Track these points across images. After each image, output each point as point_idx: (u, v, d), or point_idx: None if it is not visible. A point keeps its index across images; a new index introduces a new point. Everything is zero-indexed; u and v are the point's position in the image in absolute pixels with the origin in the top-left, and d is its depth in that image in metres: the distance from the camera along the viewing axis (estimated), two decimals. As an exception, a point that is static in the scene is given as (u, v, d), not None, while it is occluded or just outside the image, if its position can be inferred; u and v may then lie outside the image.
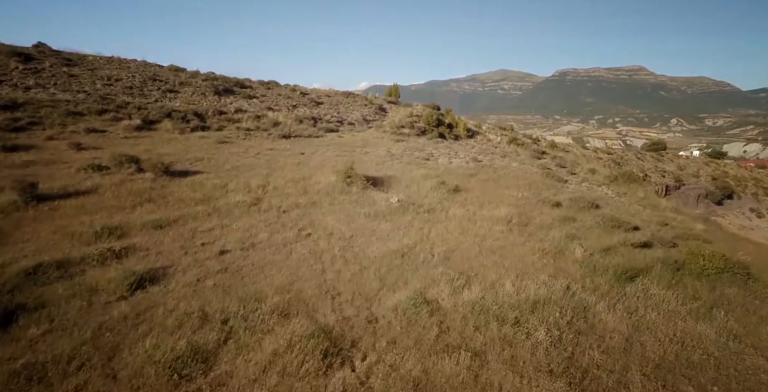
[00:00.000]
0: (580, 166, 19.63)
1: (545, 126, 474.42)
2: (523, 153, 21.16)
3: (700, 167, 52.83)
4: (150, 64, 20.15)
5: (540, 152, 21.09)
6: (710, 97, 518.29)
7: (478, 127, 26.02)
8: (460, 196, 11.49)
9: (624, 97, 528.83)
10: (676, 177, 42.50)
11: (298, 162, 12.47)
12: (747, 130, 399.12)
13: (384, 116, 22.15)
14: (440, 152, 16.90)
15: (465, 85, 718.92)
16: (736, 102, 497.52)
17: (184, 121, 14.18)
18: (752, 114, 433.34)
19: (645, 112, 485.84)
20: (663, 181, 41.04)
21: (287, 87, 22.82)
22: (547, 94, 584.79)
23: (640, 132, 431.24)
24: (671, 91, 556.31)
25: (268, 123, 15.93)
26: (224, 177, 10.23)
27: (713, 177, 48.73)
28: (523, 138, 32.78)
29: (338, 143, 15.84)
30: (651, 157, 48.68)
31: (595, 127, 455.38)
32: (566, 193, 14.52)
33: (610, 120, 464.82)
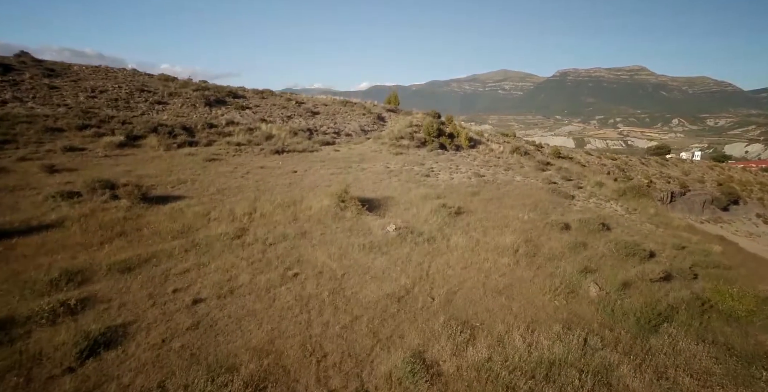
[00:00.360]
0: (587, 179, 18.84)
1: (546, 126, 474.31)
2: (527, 164, 20.38)
3: (705, 171, 52.04)
4: (139, 73, 19.40)
5: (544, 163, 20.30)
6: (711, 97, 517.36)
7: (480, 134, 25.25)
8: (463, 220, 10.72)
9: (625, 97, 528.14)
10: (682, 183, 41.69)
11: (290, 182, 11.70)
12: (749, 130, 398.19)
13: (383, 126, 21.38)
14: (441, 166, 16.13)
15: (466, 85, 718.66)
16: (738, 102, 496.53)
17: (170, 136, 13.43)
18: (754, 114, 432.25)
19: (646, 112, 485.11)
20: (668, 188, 40.24)
21: (282, 96, 22.03)
22: (547, 94, 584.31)
23: (642, 132, 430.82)
24: (672, 91, 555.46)
25: (260, 136, 15.18)
26: (208, 203, 9.47)
27: (718, 182, 47.93)
28: (526, 144, 32.03)
29: (334, 158, 15.08)
30: (655, 161, 47.89)
31: (596, 127, 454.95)
32: (574, 211, 13.75)
33: (611, 120, 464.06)
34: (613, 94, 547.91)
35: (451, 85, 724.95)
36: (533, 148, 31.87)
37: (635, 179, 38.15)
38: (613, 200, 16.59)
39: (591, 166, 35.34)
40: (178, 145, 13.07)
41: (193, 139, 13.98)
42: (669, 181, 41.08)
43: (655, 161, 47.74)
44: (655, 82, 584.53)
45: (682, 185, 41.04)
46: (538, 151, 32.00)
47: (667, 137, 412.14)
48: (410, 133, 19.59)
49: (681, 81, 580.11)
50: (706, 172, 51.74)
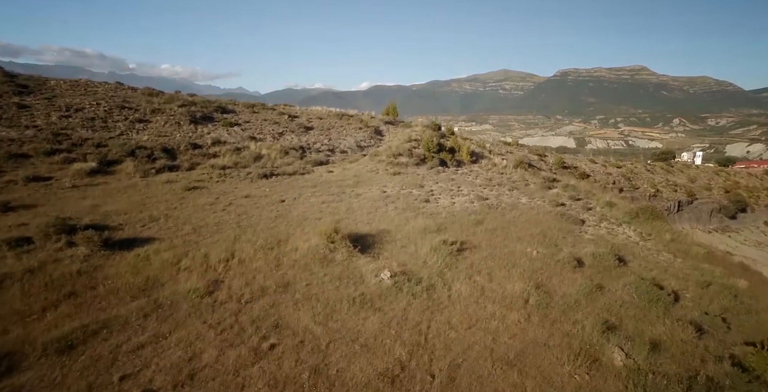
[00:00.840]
0: (596, 198, 17.79)
1: (547, 126, 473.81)
2: (532, 180, 19.34)
3: (711, 178, 50.98)
4: (122, 87, 18.34)
5: (550, 180, 19.26)
6: (713, 96, 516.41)
7: (482, 146, 24.20)
8: (466, 260, 9.68)
9: (626, 96, 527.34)
10: (689, 191, 40.65)
11: (276, 215, 10.66)
12: (750, 130, 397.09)
13: (380, 141, 20.33)
14: (441, 188, 15.10)
15: (466, 85, 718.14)
16: (739, 102, 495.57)
17: (149, 160, 12.40)
18: (755, 114, 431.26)
19: (647, 112, 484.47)
20: (675, 196, 39.20)
21: (275, 110, 20.92)
22: (548, 94, 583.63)
23: (643, 132, 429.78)
24: (673, 91, 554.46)
25: (248, 157, 14.16)
26: (180, 246, 8.43)
27: (725, 189, 46.88)
28: (529, 154, 30.99)
29: (327, 181, 14.03)
30: (661, 168, 46.83)
31: (597, 127, 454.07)
32: (586, 240, 12.71)
33: (612, 120, 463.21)
34: (613, 94, 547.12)
35: (451, 85, 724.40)
36: (537, 158, 30.85)
37: (642, 188, 37.13)
38: (625, 223, 15.55)
39: (596, 175, 34.30)
40: (156, 170, 12.04)
41: (175, 162, 12.94)
42: (676, 189, 40.03)
43: (661, 168, 46.66)
44: (656, 82, 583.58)
45: (689, 193, 39.99)
46: (542, 160, 30.99)
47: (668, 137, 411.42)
48: (409, 148, 18.55)
49: (682, 81, 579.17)
50: (712, 178, 50.67)
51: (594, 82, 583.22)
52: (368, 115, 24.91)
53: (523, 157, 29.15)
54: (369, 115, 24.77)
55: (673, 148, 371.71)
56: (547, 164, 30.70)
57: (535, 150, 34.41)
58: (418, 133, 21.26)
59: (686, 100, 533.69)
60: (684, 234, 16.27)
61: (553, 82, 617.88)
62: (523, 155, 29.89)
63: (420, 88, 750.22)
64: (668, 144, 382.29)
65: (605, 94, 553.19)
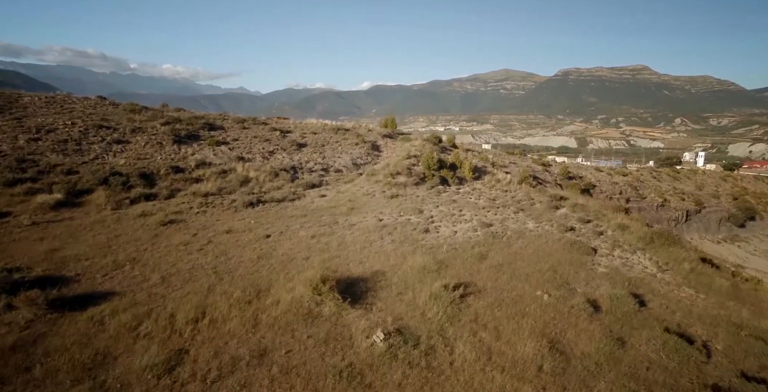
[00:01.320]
0: (606, 220, 16.74)
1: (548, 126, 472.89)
2: (538, 198, 18.29)
3: (718, 184, 49.86)
4: (103, 103, 17.23)
5: (557, 198, 18.20)
6: (714, 96, 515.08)
7: (485, 159, 23.12)
8: (470, 309, 8.62)
9: (627, 96, 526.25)
10: (696, 199, 39.54)
11: (259, 255, 9.61)
12: (752, 130, 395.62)
13: (377, 157, 19.27)
14: (442, 213, 14.05)
15: (467, 84, 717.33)
16: (741, 101, 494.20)
17: (124, 189, 11.37)
18: (757, 113, 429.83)
19: (649, 111, 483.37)
20: (683, 205, 38.10)
21: (266, 125, 19.79)
22: (549, 93, 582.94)
23: (644, 132, 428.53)
24: (675, 91, 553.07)
25: (235, 181, 13.12)
26: (143, 302, 7.39)
27: (733, 196, 45.76)
28: (533, 165, 29.93)
29: (318, 209, 12.98)
30: (667, 174, 45.71)
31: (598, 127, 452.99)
32: (600, 275, 11.65)
33: (614, 119, 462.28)
34: (615, 94, 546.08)
35: (452, 85, 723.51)
36: (541, 168, 29.80)
37: (649, 198, 36.04)
38: (639, 250, 14.48)
39: (602, 184, 33.23)
40: (131, 200, 11.01)
41: (153, 189, 11.90)
42: (684, 197, 38.92)
43: (667, 174, 45.55)
44: (657, 82, 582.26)
45: (697, 202, 38.89)
46: (547, 171, 29.93)
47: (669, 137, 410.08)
48: (408, 166, 17.50)
49: (684, 80, 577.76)
50: (719, 184, 49.55)
51: (595, 82, 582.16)
52: (365, 128, 23.81)
53: (527, 168, 28.11)
54: (366, 128, 23.67)
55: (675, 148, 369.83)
56: (552, 175, 29.65)
57: (539, 160, 33.32)
58: (418, 147, 20.18)
59: (688, 99, 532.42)
60: (704, 264, 15.17)
61: (555, 82, 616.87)
62: (527, 166, 28.85)
63: (421, 87, 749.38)
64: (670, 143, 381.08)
65: (606, 93, 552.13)
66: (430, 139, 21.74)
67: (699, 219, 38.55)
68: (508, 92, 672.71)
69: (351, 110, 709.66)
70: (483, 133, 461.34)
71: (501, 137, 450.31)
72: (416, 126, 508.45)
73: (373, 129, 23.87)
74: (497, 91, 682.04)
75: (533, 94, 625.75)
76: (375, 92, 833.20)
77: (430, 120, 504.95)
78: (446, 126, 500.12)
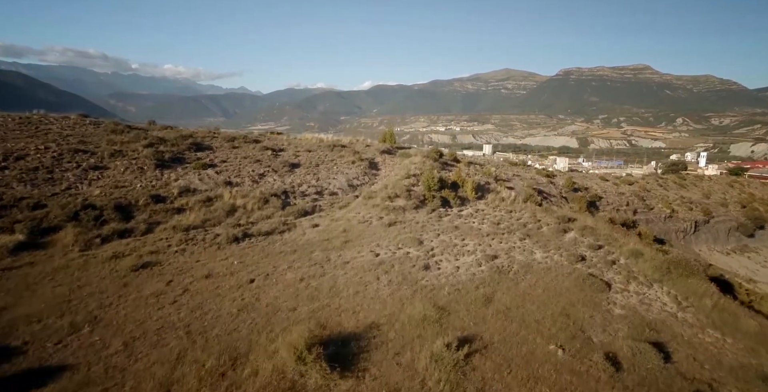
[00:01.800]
0: (618, 245, 15.75)
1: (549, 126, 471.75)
2: (545, 220, 17.33)
3: (725, 190, 48.81)
4: (83, 123, 16.18)
5: (565, 220, 17.23)
6: (716, 95, 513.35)
7: (488, 173, 22.11)
8: (476, 373, 7.62)
9: (629, 96, 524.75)
10: (704, 209, 38.49)
11: (240, 306, 8.62)
12: (754, 130, 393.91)
13: (375, 176, 18.26)
14: (444, 243, 13.09)
15: (468, 84, 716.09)
16: (743, 101, 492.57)
17: (96, 225, 10.40)
18: (759, 113, 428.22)
19: (650, 111, 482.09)
20: (692, 216, 37.06)
21: (258, 143, 18.70)
22: (551, 93, 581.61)
23: (646, 131, 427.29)
24: (677, 90, 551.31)
25: (220, 210, 12.15)
26: (98, 380, 6.40)
27: (742, 204, 44.69)
28: (537, 176, 28.93)
29: (310, 242, 11.98)
30: (673, 182, 44.67)
31: (599, 127, 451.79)
32: (617, 317, 10.65)
33: (615, 119, 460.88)
34: (616, 93, 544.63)
35: (453, 85, 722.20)
36: (545, 180, 28.82)
37: (656, 208, 35.01)
38: (656, 282, 13.47)
39: (609, 196, 32.22)
40: (103, 238, 10.03)
41: (129, 224, 10.92)
42: (691, 207, 37.88)
43: (673, 181, 44.53)
44: (659, 81, 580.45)
45: (705, 212, 37.86)
46: (551, 183, 28.95)
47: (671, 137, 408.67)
48: (407, 186, 16.50)
49: (685, 79, 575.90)
50: (726, 191, 48.49)
51: (597, 81, 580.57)
52: (363, 143, 22.78)
53: (532, 181, 27.12)
54: (364, 144, 22.63)
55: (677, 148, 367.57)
56: (557, 187, 28.66)
57: (543, 171, 32.31)
58: (418, 165, 19.17)
59: (690, 99, 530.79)
60: (726, 298, 14.17)
61: (556, 82, 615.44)
62: (531, 179, 27.86)
63: (422, 87, 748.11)
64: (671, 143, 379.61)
65: (608, 93, 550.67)
66: (431, 154, 20.72)
67: (707, 229, 37.53)
68: (509, 92, 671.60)
69: (352, 110, 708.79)
70: (484, 133, 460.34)
71: (502, 137, 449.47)
72: (417, 126, 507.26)
73: (371, 144, 22.83)
74: (498, 91, 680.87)
75: (534, 93, 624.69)
76: (376, 92, 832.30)
77: (431, 120, 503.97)
78: (447, 126, 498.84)
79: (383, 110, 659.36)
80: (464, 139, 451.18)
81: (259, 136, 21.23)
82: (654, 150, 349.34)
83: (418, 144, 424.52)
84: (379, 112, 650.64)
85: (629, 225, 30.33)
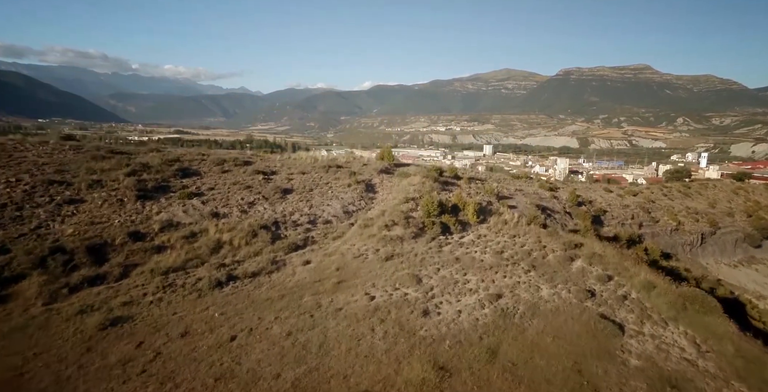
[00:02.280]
0: (629, 276, 14.88)
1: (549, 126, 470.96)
2: (551, 245, 16.51)
3: (731, 198, 47.97)
4: (62, 149, 15.12)
5: (572, 245, 16.38)
6: (717, 95, 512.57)
7: (490, 191, 21.22)
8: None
9: (629, 95, 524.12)
10: (710, 220, 37.62)
11: (219, 373, 7.73)
12: (755, 130, 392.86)
13: (372, 199, 17.35)
14: (444, 280, 12.26)
15: (468, 84, 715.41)
16: (743, 100, 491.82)
17: (65, 271, 9.51)
18: (759, 112, 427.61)
19: (651, 111, 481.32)
20: (698, 228, 36.19)
21: (249, 166, 17.67)
22: (551, 93, 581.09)
23: (646, 131, 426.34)
24: (677, 90, 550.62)
25: (204, 248, 11.27)
26: None
27: (747, 213, 43.83)
28: (540, 190, 28.05)
29: (300, 285, 11.08)
30: (677, 190, 43.80)
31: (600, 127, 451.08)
32: (633, 370, 9.78)
33: (615, 119, 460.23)
34: (617, 93, 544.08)
35: (453, 85, 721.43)
36: (549, 195, 27.95)
37: (662, 221, 34.15)
38: (671, 321, 12.59)
39: (613, 209, 31.33)
40: (71, 288, 9.15)
41: (102, 268, 10.03)
42: (697, 218, 37.01)
43: (678, 190, 43.66)
44: (659, 81, 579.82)
45: (711, 223, 37.00)
46: (555, 198, 28.08)
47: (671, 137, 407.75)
48: (406, 212, 15.61)
49: (686, 79, 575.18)
50: (731, 198, 47.62)
51: (597, 81, 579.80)
52: (360, 162, 21.83)
53: (535, 196, 26.23)
54: (361, 163, 21.69)
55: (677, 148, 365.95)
56: (561, 202, 27.78)
57: (546, 184, 31.41)
58: (417, 187, 18.25)
59: (690, 98, 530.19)
60: (747, 339, 13.32)
61: (556, 81, 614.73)
62: (534, 194, 26.96)
63: (422, 87, 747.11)
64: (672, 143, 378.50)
65: (608, 93, 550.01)
66: (430, 173, 19.76)
67: (714, 241, 36.66)
68: (509, 92, 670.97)
69: (352, 110, 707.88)
70: (484, 133, 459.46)
71: (502, 137, 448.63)
72: (417, 126, 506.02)
73: (368, 162, 21.89)
74: (498, 91, 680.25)
75: (535, 93, 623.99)
76: (376, 92, 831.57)
77: (432, 120, 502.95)
78: (447, 126, 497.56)
79: (383, 110, 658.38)
80: (464, 139, 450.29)
81: (252, 156, 20.25)
82: (654, 150, 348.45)
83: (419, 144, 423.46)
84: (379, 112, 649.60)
85: (635, 240, 29.47)
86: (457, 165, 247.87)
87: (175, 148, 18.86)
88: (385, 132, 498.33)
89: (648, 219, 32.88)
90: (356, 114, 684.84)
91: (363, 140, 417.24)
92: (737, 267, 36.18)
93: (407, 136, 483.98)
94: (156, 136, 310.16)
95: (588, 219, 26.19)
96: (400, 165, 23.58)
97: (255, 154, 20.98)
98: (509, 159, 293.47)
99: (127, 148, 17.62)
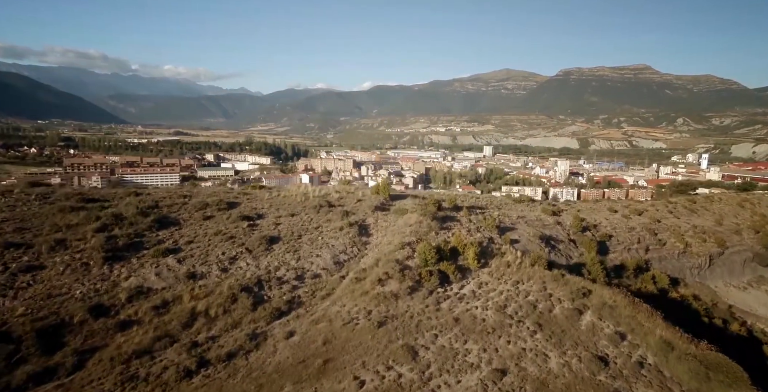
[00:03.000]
0: (643, 332, 13.75)
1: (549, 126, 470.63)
2: (557, 295, 15.40)
3: (737, 212, 46.82)
4: (27, 199, 13.76)
5: (580, 294, 15.26)
6: (717, 95, 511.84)
7: (491, 224, 20.04)
8: None
9: (629, 96, 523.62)
10: (718, 240, 36.44)
11: None
12: (755, 130, 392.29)
13: (366, 244, 16.15)
14: (443, 352, 11.12)
15: (468, 84, 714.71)
16: (744, 100, 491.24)
17: (8, 366, 8.32)
18: (759, 112, 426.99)
19: (651, 111, 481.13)
20: (706, 248, 35.04)
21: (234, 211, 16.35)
22: (551, 93, 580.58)
23: (646, 132, 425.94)
24: (677, 90, 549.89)
25: (176, 322, 10.09)
26: None
27: (755, 229, 42.67)
28: (543, 217, 26.89)
29: (280, 369, 9.87)
30: (683, 206, 42.65)
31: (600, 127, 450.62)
32: None
33: (615, 119, 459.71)
34: (617, 93, 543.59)
35: (453, 85, 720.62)
36: (552, 221, 26.82)
37: (669, 243, 33.00)
38: (694, 396, 11.45)
39: (619, 233, 30.15)
40: (13, 390, 7.95)
41: (54, 359, 8.81)
42: (705, 238, 35.83)
43: (683, 206, 42.53)
44: (659, 81, 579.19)
45: (719, 243, 35.83)
46: (558, 224, 26.94)
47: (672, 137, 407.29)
48: (401, 260, 14.46)
49: (686, 79, 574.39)
50: (737, 213, 46.46)
51: (597, 81, 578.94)
52: (354, 196, 20.60)
53: (538, 223, 25.07)
54: (356, 198, 20.46)
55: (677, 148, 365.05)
56: (565, 228, 26.64)
57: (550, 206, 30.24)
58: (414, 226, 17.05)
59: (690, 98, 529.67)
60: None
61: (556, 82, 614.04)
62: (537, 220, 25.80)
63: (422, 87, 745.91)
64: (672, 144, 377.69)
65: (608, 93, 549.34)
66: (428, 208, 18.50)
67: (722, 262, 35.51)
68: (509, 92, 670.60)
69: (352, 111, 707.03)
70: (484, 134, 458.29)
71: (502, 138, 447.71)
72: (417, 127, 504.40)
73: (363, 198, 20.63)
74: (498, 91, 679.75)
75: (535, 93, 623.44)
76: (376, 92, 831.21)
77: (432, 120, 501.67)
78: (447, 126, 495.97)
79: (383, 111, 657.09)
80: (464, 139, 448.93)
81: (239, 194, 18.95)
82: (655, 151, 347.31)
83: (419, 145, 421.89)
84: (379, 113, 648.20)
85: (643, 267, 28.30)
86: (457, 166, 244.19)
87: (156, 190, 17.58)
88: (385, 133, 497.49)
89: (655, 242, 31.73)
90: (356, 114, 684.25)
91: (363, 141, 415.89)
92: (746, 290, 35.01)
93: (407, 136, 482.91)
94: (155, 138, 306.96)
95: (593, 249, 25.06)
96: (397, 197, 22.29)
97: (243, 192, 19.69)
98: (509, 160, 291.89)
99: (102, 192, 16.26)
